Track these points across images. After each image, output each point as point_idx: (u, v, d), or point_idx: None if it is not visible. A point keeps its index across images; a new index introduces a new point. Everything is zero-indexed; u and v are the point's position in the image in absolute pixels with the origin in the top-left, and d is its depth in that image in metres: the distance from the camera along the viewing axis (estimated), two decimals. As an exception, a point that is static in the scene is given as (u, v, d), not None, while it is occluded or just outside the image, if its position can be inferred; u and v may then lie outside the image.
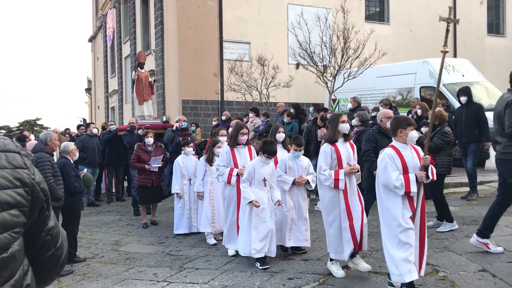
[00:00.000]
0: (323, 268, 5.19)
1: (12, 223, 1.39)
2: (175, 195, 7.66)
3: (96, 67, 35.79)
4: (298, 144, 5.78)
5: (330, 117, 5.35)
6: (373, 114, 10.97)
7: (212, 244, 6.69)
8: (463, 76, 13.16)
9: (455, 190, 9.13)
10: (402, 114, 8.49)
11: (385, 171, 4.21)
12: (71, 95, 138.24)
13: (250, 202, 5.37)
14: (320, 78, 13.35)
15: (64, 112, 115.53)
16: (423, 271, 4.28)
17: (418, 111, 9.09)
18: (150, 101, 13.02)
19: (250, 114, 11.52)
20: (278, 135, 6.16)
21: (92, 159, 10.82)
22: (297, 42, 14.14)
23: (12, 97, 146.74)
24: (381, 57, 13.18)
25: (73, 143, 6.72)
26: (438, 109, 6.85)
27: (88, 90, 41.16)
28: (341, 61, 12.95)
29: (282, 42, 17.80)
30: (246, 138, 6.20)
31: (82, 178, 6.42)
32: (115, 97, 27.44)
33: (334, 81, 13.19)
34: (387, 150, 4.33)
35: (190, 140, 8.38)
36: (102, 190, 12.05)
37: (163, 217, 9.02)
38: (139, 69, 12.69)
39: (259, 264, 5.36)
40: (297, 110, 11.30)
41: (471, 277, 4.60)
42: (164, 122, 14.41)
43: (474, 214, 7.19)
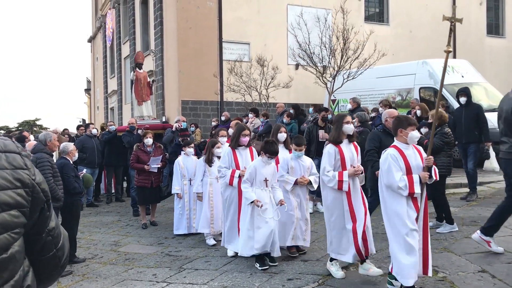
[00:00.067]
0: (323, 268, 5.19)
1: (12, 224, 1.39)
2: (175, 196, 7.66)
3: (95, 68, 35.77)
4: (297, 143, 5.74)
5: (334, 117, 5.29)
6: (372, 115, 10.99)
7: (211, 244, 6.69)
8: (463, 77, 13.16)
9: (455, 191, 9.12)
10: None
11: (388, 172, 4.18)
12: (71, 96, 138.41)
13: (252, 202, 5.33)
14: (319, 79, 13.35)
15: (63, 112, 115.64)
16: (430, 272, 4.27)
17: (418, 112, 9.09)
18: (149, 101, 13.02)
19: (250, 114, 11.50)
20: (280, 135, 6.13)
21: (91, 160, 10.82)
22: (296, 42, 14.15)
23: (11, 97, 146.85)
24: (380, 57, 13.19)
25: (72, 144, 6.72)
26: (440, 110, 6.84)
27: (87, 91, 41.13)
28: (340, 61, 12.96)
29: (282, 43, 17.80)
30: (248, 139, 6.16)
31: (81, 178, 6.42)
32: (115, 97, 27.43)
33: (334, 81, 13.19)
34: (390, 150, 4.30)
35: (189, 140, 8.38)
36: (102, 191, 12.07)
37: (163, 217, 9.02)
38: (138, 69, 12.69)
39: (259, 264, 5.35)
40: (296, 110, 11.29)
41: (471, 277, 4.60)
42: (163, 122, 14.40)
43: (474, 215, 7.19)
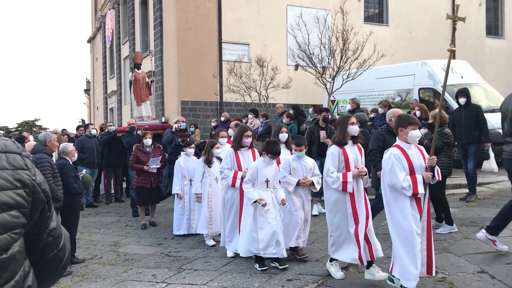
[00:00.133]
0: (322, 269, 5.19)
1: (12, 224, 1.39)
2: (175, 196, 7.65)
3: (95, 68, 35.75)
4: (297, 143, 5.69)
5: (338, 118, 5.25)
6: (371, 116, 11.01)
7: (211, 245, 6.69)
8: (462, 77, 13.17)
9: (454, 191, 9.12)
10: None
11: (391, 172, 4.15)
12: (70, 96, 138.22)
13: (255, 202, 5.27)
14: (319, 80, 13.35)
15: (63, 112, 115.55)
16: (434, 272, 4.28)
17: (417, 113, 9.09)
18: (148, 101, 13.01)
19: (249, 115, 11.50)
20: (281, 135, 6.08)
21: (90, 160, 10.82)
22: (296, 43, 14.14)
23: (11, 97, 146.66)
24: (380, 58, 13.19)
25: (72, 144, 6.72)
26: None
27: (87, 91, 41.12)
28: (340, 62, 12.96)
29: (281, 44, 17.80)
30: (250, 140, 6.11)
31: (81, 179, 6.41)
32: (114, 98, 27.42)
33: (333, 82, 13.19)
34: (393, 150, 4.26)
35: (190, 141, 8.38)
36: (101, 191, 12.07)
37: (162, 218, 9.02)
38: (136, 70, 12.68)
39: (258, 265, 5.34)
40: (296, 111, 11.29)
41: (470, 278, 4.60)
42: (163, 123, 14.40)
43: (473, 216, 7.20)
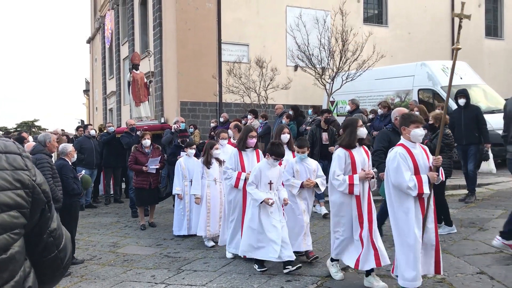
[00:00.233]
0: (321, 270, 5.19)
1: (11, 225, 1.40)
2: (176, 196, 7.65)
3: (94, 69, 35.74)
4: (299, 145, 5.61)
5: (345, 121, 5.13)
6: (370, 117, 11.01)
7: (210, 246, 6.68)
8: (461, 78, 13.17)
9: (453, 192, 9.14)
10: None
11: (397, 171, 4.10)
12: (70, 96, 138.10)
13: (261, 202, 5.17)
14: (318, 80, 13.36)
15: (63, 112, 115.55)
16: (442, 270, 4.28)
17: (416, 114, 9.10)
18: (147, 102, 13.01)
19: (249, 116, 11.51)
20: (283, 136, 6.03)
21: (89, 161, 10.82)
22: (295, 44, 14.15)
23: (10, 97, 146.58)
24: (379, 59, 13.20)
25: (71, 145, 6.71)
26: (440, 111, 6.86)
27: (86, 92, 41.11)
28: (339, 63, 12.97)
29: (281, 44, 17.80)
30: (255, 141, 6.02)
31: (80, 179, 6.41)
32: (113, 98, 27.42)
33: (333, 83, 13.20)
34: (398, 149, 4.22)
35: (191, 141, 8.38)
36: (100, 192, 12.06)
37: (161, 219, 9.01)
38: (134, 70, 12.67)
39: (257, 266, 5.34)
40: (296, 112, 11.30)
41: (469, 279, 4.61)
42: (162, 123, 14.39)
43: (472, 217, 7.21)
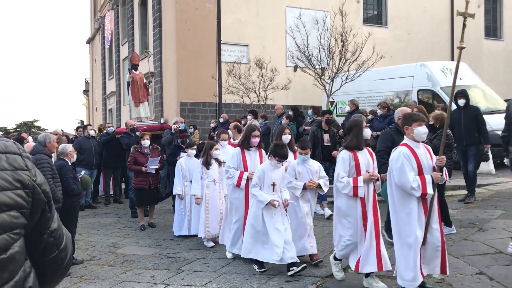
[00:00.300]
0: (321, 270, 5.20)
1: (11, 225, 1.40)
2: (176, 196, 7.66)
3: (94, 69, 35.74)
4: (302, 147, 5.55)
5: (349, 122, 5.04)
6: (369, 117, 11.02)
7: (209, 246, 6.68)
8: (461, 79, 13.16)
9: (453, 193, 9.14)
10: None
11: (401, 171, 4.09)
12: (69, 97, 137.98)
13: (267, 204, 5.13)
14: (318, 81, 13.36)
15: (63, 113, 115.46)
16: (448, 270, 4.28)
17: (416, 114, 9.09)
18: (146, 102, 13.01)
19: (248, 116, 11.50)
20: (284, 137, 6.01)
21: (89, 161, 10.82)
22: (295, 44, 14.15)
23: (10, 97, 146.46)
24: (378, 60, 13.20)
25: (71, 145, 6.72)
26: (440, 112, 6.86)
27: (85, 92, 41.12)
28: (339, 63, 12.97)
29: (280, 45, 17.81)
30: (258, 140, 5.99)
31: (80, 180, 6.41)
32: (113, 99, 27.42)
33: (332, 83, 13.20)
34: (402, 149, 4.20)
35: (188, 142, 8.38)
36: (100, 192, 12.06)
37: (161, 219, 9.01)
38: (133, 71, 12.67)
39: (257, 266, 5.34)
40: (295, 112, 11.30)
41: (469, 280, 4.61)
42: (162, 123, 14.39)
43: (472, 217, 7.21)
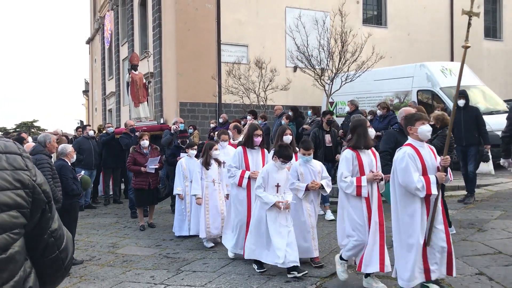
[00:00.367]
0: (320, 271, 5.20)
1: (11, 224, 1.40)
2: (177, 197, 7.66)
3: (93, 69, 35.75)
4: (305, 147, 5.49)
5: (353, 122, 5.04)
6: (369, 118, 11.02)
7: (209, 247, 6.68)
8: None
9: (452, 193, 9.14)
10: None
11: (405, 171, 4.07)
12: (69, 97, 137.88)
13: (273, 205, 5.09)
14: (317, 81, 13.37)
15: (62, 113, 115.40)
16: (455, 272, 4.26)
17: (415, 115, 9.09)
18: (146, 102, 13.01)
19: (248, 116, 11.50)
20: (285, 137, 5.97)
21: (88, 161, 10.82)
22: (294, 45, 14.16)
23: (9, 97, 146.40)
24: (378, 60, 13.20)
25: (71, 145, 6.72)
26: (441, 112, 6.87)
27: (85, 92, 41.10)
28: (338, 64, 12.97)
29: (280, 45, 17.82)
30: (260, 139, 5.97)
31: (79, 180, 6.41)
32: (113, 99, 27.42)
33: (332, 84, 13.21)
34: (407, 149, 4.19)
35: (188, 142, 8.38)
36: (100, 193, 12.06)
37: (161, 219, 9.01)
38: (133, 71, 12.67)
39: (257, 267, 5.34)
40: (295, 113, 11.30)
41: (468, 280, 4.62)
42: (161, 124, 14.40)
43: (471, 218, 7.21)
